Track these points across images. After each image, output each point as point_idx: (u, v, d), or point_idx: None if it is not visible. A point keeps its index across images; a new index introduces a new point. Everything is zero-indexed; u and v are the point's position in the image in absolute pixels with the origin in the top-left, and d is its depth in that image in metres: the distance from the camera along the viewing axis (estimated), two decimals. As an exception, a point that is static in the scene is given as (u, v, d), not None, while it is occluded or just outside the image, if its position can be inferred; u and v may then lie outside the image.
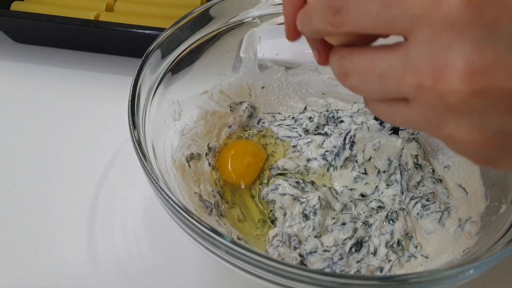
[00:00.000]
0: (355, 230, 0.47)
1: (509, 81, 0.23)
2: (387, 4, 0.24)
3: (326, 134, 0.56)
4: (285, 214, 0.49)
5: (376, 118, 0.50)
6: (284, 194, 0.49)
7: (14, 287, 0.48)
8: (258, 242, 0.48)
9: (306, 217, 0.48)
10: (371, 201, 0.50)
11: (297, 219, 0.48)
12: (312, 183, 0.51)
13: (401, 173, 0.50)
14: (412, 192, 0.50)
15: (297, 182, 0.50)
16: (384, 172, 0.51)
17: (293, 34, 0.32)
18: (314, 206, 0.48)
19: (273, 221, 0.50)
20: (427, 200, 0.49)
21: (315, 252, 0.46)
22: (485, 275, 0.37)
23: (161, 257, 0.50)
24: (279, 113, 0.60)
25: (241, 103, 0.59)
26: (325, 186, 0.51)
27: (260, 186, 0.53)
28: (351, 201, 0.50)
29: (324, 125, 0.58)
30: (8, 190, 0.56)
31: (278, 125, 0.58)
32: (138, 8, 0.74)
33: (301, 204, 0.48)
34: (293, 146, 0.56)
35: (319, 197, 0.48)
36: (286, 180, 0.50)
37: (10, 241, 0.52)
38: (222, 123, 0.57)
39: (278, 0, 0.59)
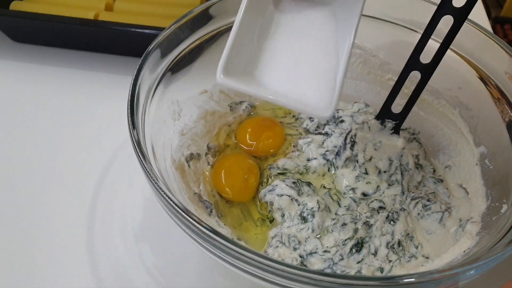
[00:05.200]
0: (355, 230, 0.47)
1: None
2: None
3: (326, 133, 0.56)
4: (283, 215, 0.49)
5: (377, 118, 0.50)
6: (282, 195, 0.49)
7: (13, 288, 0.48)
8: (257, 241, 0.48)
9: (304, 219, 0.47)
10: (373, 201, 0.49)
11: (295, 220, 0.48)
12: (309, 184, 0.51)
13: (402, 173, 0.50)
14: (413, 192, 0.50)
15: (294, 183, 0.50)
16: (385, 172, 0.50)
17: None
18: (312, 208, 0.47)
19: (271, 221, 0.50)
20: (428, 200, 0.49)
21: (315, 252, 0.46)
22: (486, 275, 0.37)
23: (161, 257, 0.50)
24: (280, 108, 0.60)
25: (241, 102, 0.59)
26: (324, 187, 0.51)
27: (260, 185, 0.52)
28: (354, 201, 0.50)
29: (325, 124, 0.57)
30: (7, 190, 0.56)
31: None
32: (138, 7, 0.74)
33: (298, 206, 0.48)
34: (294, 146, 0.56)
35: (317, 201, 0.48)
36: (283, 181, 0.50)
37: (9, 241, 0.51)
38: (222, 122, 0.57)
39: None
